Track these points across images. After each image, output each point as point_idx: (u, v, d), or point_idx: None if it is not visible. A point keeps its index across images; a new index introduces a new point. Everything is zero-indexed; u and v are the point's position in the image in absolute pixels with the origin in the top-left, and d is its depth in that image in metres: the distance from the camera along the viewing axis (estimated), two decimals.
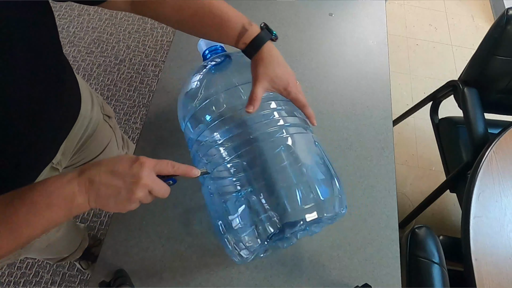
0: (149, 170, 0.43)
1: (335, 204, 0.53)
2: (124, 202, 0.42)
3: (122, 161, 0.43)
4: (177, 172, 0.47)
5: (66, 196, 0.40)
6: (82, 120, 0.70)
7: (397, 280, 0.65)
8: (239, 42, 0.55)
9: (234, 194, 0.52)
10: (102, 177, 0.41)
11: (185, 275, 0.62)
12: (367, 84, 0.88)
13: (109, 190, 0.41)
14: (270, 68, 0.54)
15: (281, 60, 0.56)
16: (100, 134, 0.80)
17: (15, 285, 1.28)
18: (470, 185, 0.84)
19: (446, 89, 1.25)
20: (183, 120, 0.63)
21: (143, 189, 0.42)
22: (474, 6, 2.31)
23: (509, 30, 1.03)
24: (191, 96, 0.62)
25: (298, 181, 0.52)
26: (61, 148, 0.65)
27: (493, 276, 0.74)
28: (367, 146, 0.78)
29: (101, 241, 1.33)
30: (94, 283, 0.59)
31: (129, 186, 0.41)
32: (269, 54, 0.55)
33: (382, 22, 0.99)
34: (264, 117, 0.57)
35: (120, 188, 0.41)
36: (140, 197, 0.43)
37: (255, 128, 0.56)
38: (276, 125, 0.56)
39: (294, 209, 0.50)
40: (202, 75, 0.63)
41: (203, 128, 0.58)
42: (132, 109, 1.70)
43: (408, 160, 1.69)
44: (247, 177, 0.53)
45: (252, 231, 0.51)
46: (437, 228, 1.51)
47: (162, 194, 0.45)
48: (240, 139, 0.55)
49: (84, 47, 1.86)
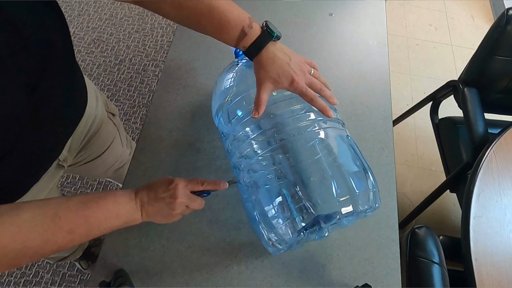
0: (182, 189, 0.53)
1: (369, 197, 0.54)
2: (168, 217, 0.54)
3: (161, 185, 0.53)
4: (206, 188, 0.56)
5: (129, 210, 0.51)
6: (87, 117, 0.71)
7: (397, 280, 0.65)
8: (239, 45, 0.55)
9: (268, 186, 0.54)
10: (149, 200, 0.52)
11: (185, 275, 0.62)
12: (367, 84, 0.87)
13: (155, 209, 0.52)
14: (271, 69, 0.54)
15: (283, 57, 0.55)
16: (104, 132, 0.80)
17: (15, 285, 1.28)
18: (470, 185, 0.84)
19: (446, 89, 1.25)
20: (216, 115, 0.64)
21: (180, 205, 0.53)
22: (474, 6, 2.31)
23: (509, 30, 1.03)
24: (224, 92, 0.63)
25: (333, 173, 0.53)
26: (67, 145, 0.65)
27: (493, 276, 0.74)
28: (367, 146, 0.78)
29: (101, 241, 1.33)
30: (94, 283, 0.59)
31: (169, 205, 0.52)
32: (269, 56, 0.54)
33: (382, 22, 0.99)
34: (296, 112, 0.57)
35: (163, 207, 0.52)
36: (180, 212, 0.53)
37: (287, 123, 0.57)
38: (308, 119, 0.57)
39: (330, 201, 0.51)
40: (235, 72, 0.64)
41: (235, 123, 0.59)
42: (132, 109, 1.70)
43: (408, 160, 1.69)
44: (282, 170, 0.54)
45: (288, 222, 0.52)
46: (437, 228, 1.51)
47: (197, 206, 0.56)
48: (272, 133, 0.56)
49: (84, 47, 1.86)
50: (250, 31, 0.54)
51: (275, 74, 0.54)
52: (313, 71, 0.58)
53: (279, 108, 0.59)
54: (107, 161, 0.90)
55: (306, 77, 0.56)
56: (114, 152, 0.90)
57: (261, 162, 0.56)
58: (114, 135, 0.87)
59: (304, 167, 0.54)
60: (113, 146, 0.88)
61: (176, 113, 0.78)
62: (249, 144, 0.57)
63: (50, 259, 1.09)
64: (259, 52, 0.54)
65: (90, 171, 0.90)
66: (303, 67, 0.56)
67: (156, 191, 0.52)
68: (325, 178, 0.52)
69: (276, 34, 0.55)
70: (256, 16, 0.56)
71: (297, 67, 0.55)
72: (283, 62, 0.54)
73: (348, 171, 0.54)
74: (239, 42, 0.54)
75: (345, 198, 0.51)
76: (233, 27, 0.53)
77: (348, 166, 0.55)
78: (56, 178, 0.70)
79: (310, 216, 0.51)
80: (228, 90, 0.63)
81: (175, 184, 0.53)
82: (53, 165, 0.64)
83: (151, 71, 1.81)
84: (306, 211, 0.51)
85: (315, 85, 0.56)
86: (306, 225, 0.51)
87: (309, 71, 0.57)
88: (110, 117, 0.83)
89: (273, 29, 0.55)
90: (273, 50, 0.55)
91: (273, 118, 0.57)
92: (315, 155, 0.54)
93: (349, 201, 0.51)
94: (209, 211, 0.68)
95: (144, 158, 0.73)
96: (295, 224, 0.51)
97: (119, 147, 0.92)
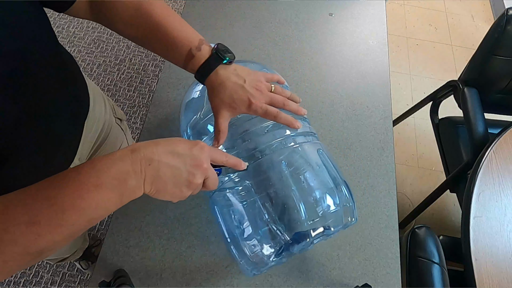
0: (208, 155, 0.41)
1: (342, 214, 0.53)
2: (183, 186, 0.40)
3: (181, 142, 0.40)
4: (228, 162, 0.45)
5: (118, 174, 0.35)
6: (97, 123, 0.70)
7: (397, 280, 0.65)
8: (187, 67, 0.52)
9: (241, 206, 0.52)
10: (162, 156, 0.37)
11: (185, 275, 0.62)
12: (367, 84, 0.88)
13: (169, 171, 0.38)
14: (224, 95, 0.50)
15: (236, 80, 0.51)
16: (112, 138, 0.80)
17: (15, 285, 1.28)
18: (470, 185, 0.84)
19: (446, 89, 1.25)
20: (186, 131, 0.62)
21: (203, 174, 0.40)
22: (474, 6, 2.31)
23: (509, 30, 1.03)
24: (194, 108, 0.61)
25: (301, 194, 0.51)
26: (78, 152, 0.64)
27: (493, 276, 0.74)
28: (367, 146, 0.78)
29: (101, 241, 1.33)
30: (94, 283, 0.59)
31: (191, 169, 0.39)
32: (219, 81, 0.50)
33: (382, 22, 0.99)
34: (266, 128, 0.56)
35: (182, 170, 0.38)
36: (198, 183, 0.40)
37: (257, 139, 0.54)
38: (278, 136, 0.55)
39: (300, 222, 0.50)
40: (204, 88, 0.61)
41: (207, 141, 0.57)
42: (132, 109, 1.70)
43: (408, 160, 1.69)
44: (253, 190, 0.52)
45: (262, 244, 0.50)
46: (437, 228, 1.51)
47: (213, 184, 0.43)
48: (243, 151, 0.54)
49: (84, 47, 1.86)
50: (198, 53, 0.50)
51: (230, 99, 0.50)
52: (274, 87, 0.55)
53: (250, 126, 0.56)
54: None
55: (265, 95, 0.52)
56: None
57: (232, 181, 0.53)
58: (122, 140, 0.87)
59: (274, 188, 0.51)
60: None
61: (176, 113, 0.78)
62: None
63: (50, 259, 1.09)
64: (208, 75, 0.51)
65: None
66: (260, 86, 0.52)
67: (174, 146, 0.39)
68: (293, 200, 0.50)
69: (228, 58, 0.51)
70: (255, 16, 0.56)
71: (252, 88, 0.51)
72: (236, 86, 0.50)
73: (316, 190, 0.52)
74: (187, 64, 0.52)
75: (314, 220, 0.50)
76: (180, 47, 0.50)
77: (316, 185, 0.53)
78: None
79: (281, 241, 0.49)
80: (198, 106, 0.59)
81: (200, 146, 0.40)
82: None
83: (151, 71, 1.81)
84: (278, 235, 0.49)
85: (277, 102, 0.53)
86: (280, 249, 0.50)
87: (268, 88, 0.54)
88: (118, 123, 0.82)
89: (223, 53, 0.51)
90: (224, 73, 0.51)
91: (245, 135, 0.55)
92: (283, 175, 0.52)
93: (319, 222, 0.50)
94: (209, 211, 0.68)
95: None
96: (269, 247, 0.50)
97: None
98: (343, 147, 0.78)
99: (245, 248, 0.51)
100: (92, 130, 0.68)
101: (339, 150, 0.77)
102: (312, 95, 0.84)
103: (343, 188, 0.55)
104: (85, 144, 0.67)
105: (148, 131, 0.76)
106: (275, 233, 0.50)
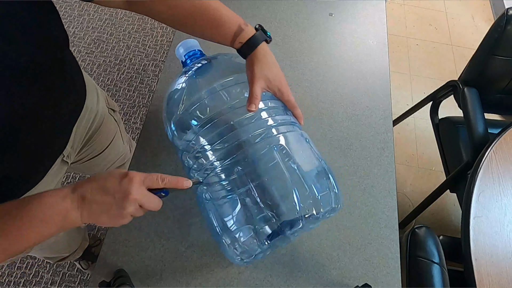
0: (138, 185, 0.44)
1: (331, 200, 0.53)
2: (116, 217, 0.43)
3: (112, 177, 0.44)
4: (167, 186, 0.47)
5: (60, 212, 0.42)
6: (89, 113, 0.71)
7: (397, 280, 0.65)
8: (235, 42, 0.56)
9: (228, 197, 0.52)
10: (93, 194, 0.42)
11: (185, 275, 0.62)
12: (367, 84, 0.88)
13: (100, 207, 0.42)
14: (266, 68, 0.55)
15: (275, 61, 0.58)
16: (105, 128, 0.81)
17: (15, 285, 1.28)
18: (470, 185, 0.84)
19: (446, 89, 1.25)
20: (169, 129, 0.61)
21: (133, 204, 0.43)
22: (474, 6, 2.31)
23: (509, 30, 1.03)
24: (175, 104, 0.60)
25: (292, 179, 0.52)
26: (70, 140, 0.66)
27: (493, 276, 0.74)
28: (367, 146, 0.78)
29: (101, 241, 1.33)
30: (94, 283, 0.59)
31: (119, 202, 0.42)
32: (264, 54, 0.56)
33: (382, 22, 0.99)
34: (252, 118, 0.56)
35: (111, 204, 0.42)
36: (131, 212, 0.44)
37: (244, 130, 0.55)
38: (265, 126, 0.56)
39: (291, 207, 0.50)
40: (184, 82, 0.61)
41: (190, 135, 0.57)
42: (132, 109, 1.70)
43: (408, 160, 1.69)
44: (240, 180, 0.52)
45: (250, 233, 0.51)
46: (437, 228, 1.51)
47: (153, 207, 0.46)
48: (229, 142, 0.54)
49: (84, 47, 1.86)
50: (247, 28, 0.56)
51: (269, 73, 0.55)
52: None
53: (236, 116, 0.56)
54: (109, 157, 0.90)
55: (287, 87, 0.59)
56: (116, 148, 0.91)
57: (218, 173, 0.54)
58: (115, 131, 0.88)
59: (263, 176, 0.52)
60: (114, 142, 0.88)
61: None
62: (206, 155, 0.55)
63: (50, 259, 1.09)
64: (255, 49, 0.56)
65: (92, 168, 0.91)
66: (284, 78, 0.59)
67: (105, 183, 0.43)
68: (285, 185, 0.51)
69: (269, 34, 0.58)
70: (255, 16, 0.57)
71: (282, 75, 0.58)
72: (275, 63, 0.57)
73: (307, 175, 0.53)
74: (236, 38, 0.56)
75: (306, 203, 0.50)
76: (231, 24, 0.55)
77: (307, 170, 0.54)
78: (60, 175, 0.71)
79: (274, 225, 0.50)
80: (180, 101, 0.60)
81: (129, 178, 0.43)
82: (57, 161, 0.65)
83: (151, 71, 1.81)
84: (269, 220, 0.50)
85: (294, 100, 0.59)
86: (271, 234, 0.50)
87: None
88: (111, 113, 0.83)
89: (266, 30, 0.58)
90: (267, 49, 0.57)
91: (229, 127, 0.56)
92: (272, 162, 0.53)
93: (311, 205, 0.51)
94: None
95: (144, 158, 0.73)
96: (258, 234, 0.50)
97: (120, 144, 0.93)
98: (343, 147, 0.78)
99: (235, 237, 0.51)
100: (84, 120, 0.70)
101: (339, 150, 0.77)
102: (312, 95, 0.84)
103: (330, 175, 0.56)
104: (77, 133, 0.69)
105: (148, 131, 0.76)
106: (266, 220, 0.50)
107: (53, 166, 0.64)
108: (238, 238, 0.51)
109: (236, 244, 0.51)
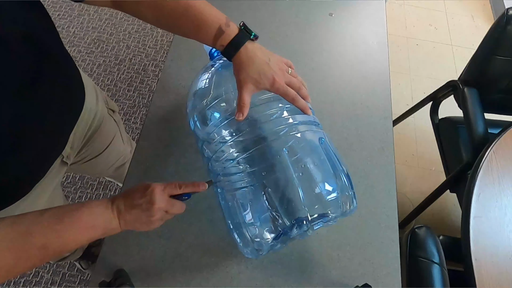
0: (159, 194, 0.51)
1: (340, 201, 0.54)
2: (148, 224, 0.51)
3: (136, 192, 0.51)
4: (185, 191, 0.54)
5: (106, 220, 0.49)
6: (88, 114, 0.71)
7: (397, 280, 0.65)
8: (217, 44, 0.54)
9: (243, 191, 0.53)
10: (126, 209, 0.50)
11: (185, 275, 0.62)
12: (367, 84, 0.87)
13: (132, 217, 0.50)
14: (252, 69, 0.53)
15: (262, 57, 0.54)
16: (105, 128, 0.81)
17: (15, 285, 1.28)
18: (470, 185, 0.84)
19: (446, 89, 1.25)
20: (192, 119, 0.63)
21: (159, 211, 0.51)
22: (474, 6, 2.31)
23: (509, 30, 1.03)
24: (200, 95, 0.62)
25: (301, 181, 0.52)
26: (69, 141, 0.66)
27: (493, 276, 0.74)
28: (367, 146, 0.78)
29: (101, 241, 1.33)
30: (94, 283, 0.59)
31: (147, 212, 0.50)
32: (248, 55, 0.53)
33: (382, 22, 0.99)
34: (271, 116, 0.57)
35: (140, 215, 0.50)
36: (159, 218, 0.51)
37: (262, 126, 0.56)
38: (283, 124, 0.56)
39: (299, 208, 0.51)
40: (211, 74, 0.63)
41: (212, 127, 0.59)
42: (132, 109, 1.70)
43: (408, 160, 1.69)
44: (256, 175, 0.53)
45: (262, 228, 0.52)
46: (437, 228, 1.51)
47: (177, 211, 0.54)
48: (247, 137, 0.55)
49: (84, 47, 1.86)
50: (228, 29, 0.53)
51: (256, 74, 0.53)
52: (291, 71, 0.57)
53: (256, 112, 0.57)
54: (109, 158, 0.90)
55: (285, 76, 0.55)
56: (116, 148, 0.91)
57: (235, 166, 0.55)
58: (115, 132, 0.88)
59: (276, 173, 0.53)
60: (114, 142, 0.88)
61: (176, 113, 0.78)
62: (225, 148, 0.56)
63: None
64: (237, 51, 0.53)
65: (92, 169, 0.91)
66: (282, 66, 0.56)
67: (133, 198, 0.51)
68: (294, 185, 0.52)
69: (254, 33, 0.54)
70: (255, 16, 0.57)
71: (276, 66, 0.54)
72: (262, 62, 0.53)
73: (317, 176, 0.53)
74: (216, 40, 0.53)
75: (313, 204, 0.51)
76: (210, 26, 0.53)
77: (318, 171, 0.54)
78: (60, 176, 0.71)
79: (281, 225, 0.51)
80: (204, 93, 0.61)
81: (151, 190, 0.51)
82: (57, 162, 0.65)
83: (151, 71, 1.81)
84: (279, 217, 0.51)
85: (294, 84, 0.56)
86: (279, 232, 0.51)
87: (287, 70, 0.57)
88: (110, 114, 0.83)
89: (249, 29, 0.55)
90: (252, 49, 0.54)
91: (250, 122, 0.57)
92: (285, 161, 0.53)
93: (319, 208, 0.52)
94: (209, 210, 0.68)
95: (144, 158, 0.73)
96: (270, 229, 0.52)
97: (120, 144, 0.93)
98: (343, 147, 0.78)
99: (246, 232, 0.53)
100: (83, 121, 0.70)
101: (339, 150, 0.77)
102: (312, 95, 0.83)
103: (343, 177, 0.56)
104: (76, 134, 0.69)
105: (148, 131, 0.76)
106: (275, 218, 0.51)
107: (52, 167, 0.64)
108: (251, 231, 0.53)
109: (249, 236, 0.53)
